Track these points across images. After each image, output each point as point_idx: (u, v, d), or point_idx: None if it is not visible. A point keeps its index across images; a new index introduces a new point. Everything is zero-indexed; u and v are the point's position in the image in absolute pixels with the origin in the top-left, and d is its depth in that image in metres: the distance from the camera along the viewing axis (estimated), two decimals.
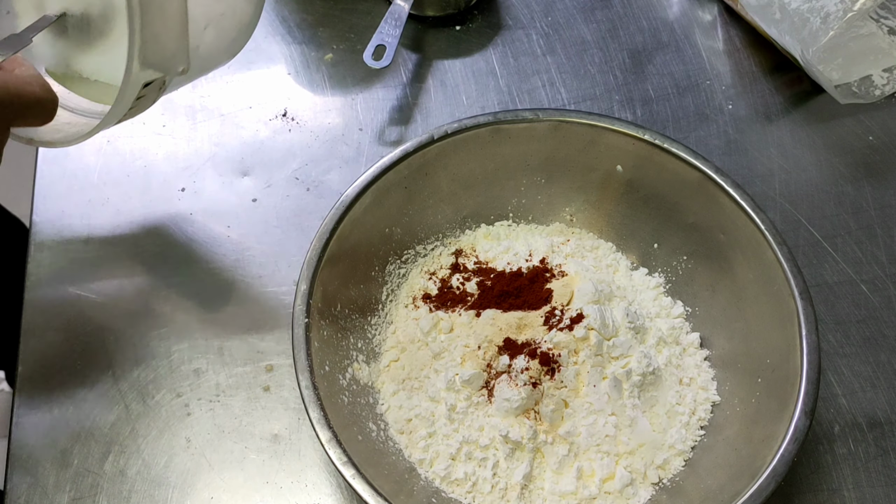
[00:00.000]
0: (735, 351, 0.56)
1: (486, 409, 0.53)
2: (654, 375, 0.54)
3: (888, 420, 0.58)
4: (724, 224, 0.56)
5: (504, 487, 0.52)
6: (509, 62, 0.73)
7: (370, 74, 0.72)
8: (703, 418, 0.55)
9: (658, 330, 0.57)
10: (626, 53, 0.74)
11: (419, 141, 0.57)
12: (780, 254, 0.52)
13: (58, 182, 0.66)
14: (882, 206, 0.67)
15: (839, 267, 0.64)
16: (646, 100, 0.72)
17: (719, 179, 0.55)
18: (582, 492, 0.52)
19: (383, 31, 0.67)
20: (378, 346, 0.57)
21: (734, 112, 0.71)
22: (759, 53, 0.74)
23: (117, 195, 0.66)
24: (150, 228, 0.64)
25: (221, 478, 0.55)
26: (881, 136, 0.70)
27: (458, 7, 0.74)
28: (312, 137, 0.69)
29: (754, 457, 0.49)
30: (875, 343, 0.61)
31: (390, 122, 0.70)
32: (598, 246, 0.62)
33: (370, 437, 0.52)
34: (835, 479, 0.56)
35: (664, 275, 0.61)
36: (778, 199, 0.67)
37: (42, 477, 0.54)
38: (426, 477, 0.52)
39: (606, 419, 0.53)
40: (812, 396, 0.48)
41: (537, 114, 0.58)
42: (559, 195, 0.62)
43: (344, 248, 0.54)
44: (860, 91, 0.69)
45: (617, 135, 0.58)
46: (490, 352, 0.54)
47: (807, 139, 0.70)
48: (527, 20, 0.76)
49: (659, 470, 0.53)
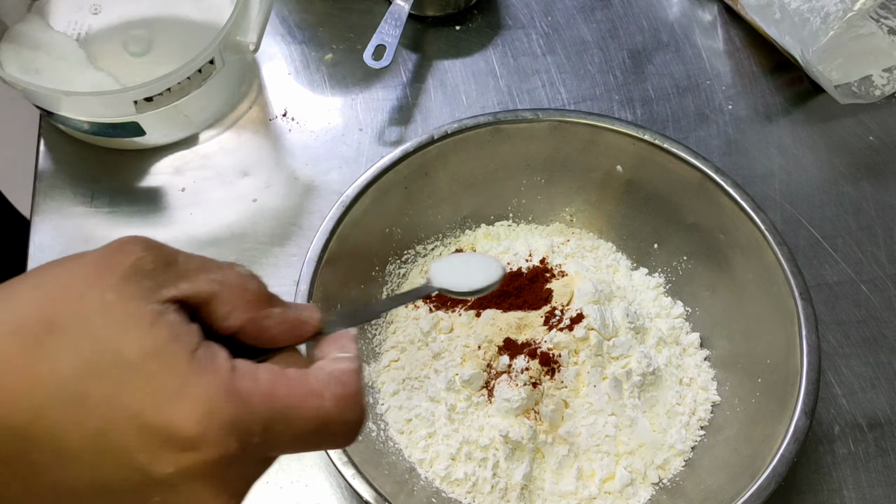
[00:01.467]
0: (735, 351, 0.56)
1: (486, 409, 0.53)
2: (654, 375, 0.54)
3: (888, 420, 0.58)
4: (724, 224, 0.56)
5: (504, 487, 0.52)
6: (509, 62, 0.73)
7: (370, 74, 0.72)
8: (703, 418, 0.55)
9: (658, 330, 0.57)
10: (626, 53, 0.74)
11: (419, 141, 0.57)
12: (780, 254, 0.52)
13: (58, 181, 0.66)
14: (882, 207, 0.67)
15: (839, 267, 0.64)
16: (646, 100, 0.72)
17: (719, 179, 0.55)
18: (582, 492, 0.52)
19: (383, 31, 0.67)
20: (378, 346, 0.57)
21: (734, 112, 0.71)
22: (759, 53, 0.74)
23: (117, 195, 0.66)
24: (150, 228, 0.64)
25: None
26: (881, 136, 0.70)
27: (458, 7, 0.74)
28: (312, 137, 0.69)
29: (754, 457, 0.49)
30: (875, 343, 0.61)
31: (390, 122, 0.70)
32: (598, 246, 0.62)
33: (370, 437, 0.52)
34: (835, 479, 0.56)
35: (664, 275, 0.61)
36: (778, 199, 0.67)
37: None
38: (426, 477, 0.52)
39: (606, 419, 0.53)
40: (812, 396, 0.48)
41: (537, 114, 0.58)
42: (559, 195, 0.62)
43: (344, 248, 0.54)
44: (860, 91, 0.68)
45: (617, 135, 0.58)
46: (490, 352, 0.54)
47: (807, 139, 0.70)
48: (527, 20, 0.76)
49: (659, 470, 0.53)
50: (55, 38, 0.65)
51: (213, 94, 0.66)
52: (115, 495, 0.26)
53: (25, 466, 0.26)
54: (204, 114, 0.68)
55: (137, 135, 0.64)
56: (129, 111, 0.60)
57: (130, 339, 0.26)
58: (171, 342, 0.26)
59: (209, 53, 0.60)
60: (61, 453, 0.26)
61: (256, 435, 0.27)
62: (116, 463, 0.26)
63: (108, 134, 0.64)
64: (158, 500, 0.26)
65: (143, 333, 0.26)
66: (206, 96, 0.64)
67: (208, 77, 0.63)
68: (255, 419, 0.27)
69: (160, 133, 0.66)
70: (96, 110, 0.60)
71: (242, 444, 0.26)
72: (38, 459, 0.26)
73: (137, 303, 0.27)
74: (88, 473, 0.26)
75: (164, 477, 0.26)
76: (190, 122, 0.67)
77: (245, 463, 0.28)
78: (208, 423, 0.26)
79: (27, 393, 0.26)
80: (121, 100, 0.59)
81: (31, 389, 0.26)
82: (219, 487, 0.27)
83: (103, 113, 0.61)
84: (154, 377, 0.26)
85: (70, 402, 0.26)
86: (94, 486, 0.26)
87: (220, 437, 0.26)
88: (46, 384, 0.26)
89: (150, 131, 0.64)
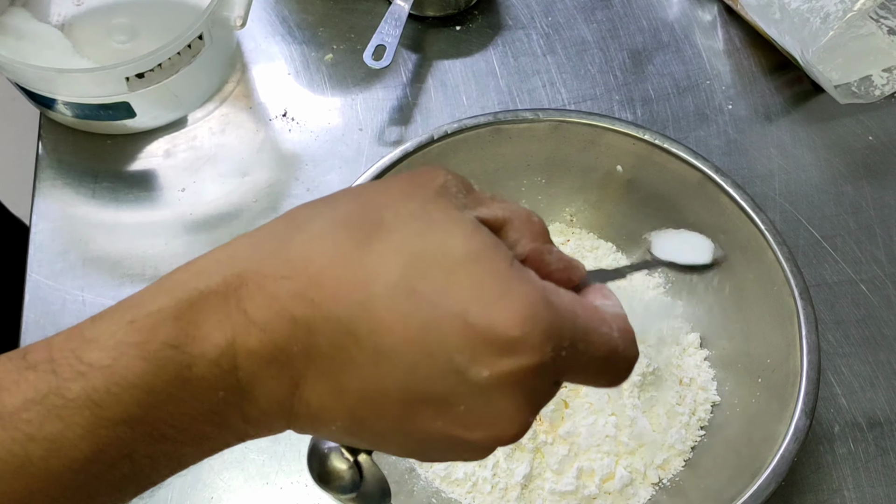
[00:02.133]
0: (735, 351, 0.56)
1: None
2: (654, 375, 0.54)
3: (888, 420, 0.58)
4: (724, 224, 0.56)
5: (504, 487, 0.52)
6: (509, 62, 0.73)
7: (370, 74, 0.72)
8: (703, 418, 0.55)
9: (658, 330, 0.57)
10: (626, 53, 0.74)
11: (419, 141, 0.57)
12: (780, 254, 0.52)
13: (58, 182, 0.66)
14: (882, 206, 0.67)
15: (839, 267, 0.64)
16: (646, 100, 0.72)
17: (719, 179, 0.55)
18: (582, 492, 0.52)
19: (383, 31, 0.67)
20: None
21: (734, 112, 0.71)
22: (759, 53, 0.74)
23: (117, 196, 0.66)
24: (150, 229, 0.64)
25: (221, 478, 0.55)
26: (881, 136, 0.70)
27: (458, 7, 0.74)
28: (312, 137, 0.69)
29: (754, 457, 0.49)
30: (875, 343, 0.61)
31: (390, 122, 0.70)
32: (598, 246, 0.62)
33: None
34: (835, 479, 0.56)
35: (664, 275, 0.61)
36: (778, 199, 0.67)
37: None
38: (426, 477, 0.52)
39: (606, 419, 0.53)
40: (812, 396, 0.48)
41: (537, 114, 0.58)
42: (559, 195, 0.62)
43: None
44: (860, 91, 0.69)
45: (617, 135, 0.58)
46: None
47: (807, 139, 0.70)
48: (527, 20, 0.76)
49: (659, 470, 0.53)
50: (40, 29, 0.65)
51: (202, 73, 0.67)
52: (422, 402, 0.26)
53: (342, 363, 0.26)
54: (193, 93, 0.68)
55: (128, 117, 0.65)
56: (122, 89, 0.61)
57: (456, 240, 0.26)
58: (493, 248, 0.27)
59: (198, 28, 0.62)
60: (381, 349, 0.25)
61: (565, 348, 0.26)
62: (433, 363, 0.25)
63: (99, 117, 0.64)
64: (463, 410, 0.26)
65: (468, 237, 0.26)
66: (195, 75, 0.65)
67: (197, 54, 0.64)
68: (566, 330, 0.27)
69: (150, 115, 0.66)
70: (89, 89, 0.61)
71: (555, 354, 0.26)
72: (356, 356, 0.25)
73: (457, 212, 0.27)
74: (402, 375, 0.25)
75: (478, 381, 0.25)
76: (180, 103, 0.68)
77: (548, 377, 0.27)
78: (531, 328, 0.25)
79: (356, 285, 0.25)
80: (113, 76, 0.60)
81: (360, 283, 0.25)
82: (526, 400, 0.26)
83: (96, 91, 0.61)
84: (480, 277, 0.26)
85: (398, 298, 0.25)
86: (404, 390, 0.26)
87: (539, 342, 0.25)
88: (375, 278, 0.25)
89: (141, 113, 0.65)
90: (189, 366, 0.26)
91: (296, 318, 0.26)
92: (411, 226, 0.27)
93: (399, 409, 0.26)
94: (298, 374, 0.26)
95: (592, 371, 0.29)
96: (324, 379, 0.26)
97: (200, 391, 0.26)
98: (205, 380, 0.26)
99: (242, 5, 0.64)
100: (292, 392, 0.27)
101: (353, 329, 0.25)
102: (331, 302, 0.25)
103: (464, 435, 0.27)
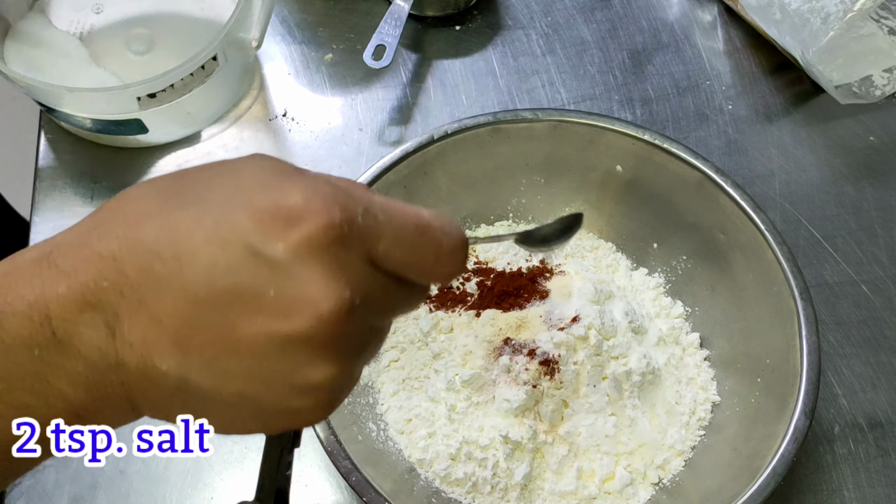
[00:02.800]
0: (735, 351, 0.56)
1: (485, 410, 0.53)
2: (654, 375, 0.54)
3: (888, 420, 0.58)
4: (724, 224, 0.56)
5: (504, 488, 0.51)
6: (509, 62, 0.73)
7: (370, 74, 0.72)
8: (703, 418, 0.55)
9: (658, 330, 0.57)
10: (626, 53, 0.74)
11: (419, 141, 0.57)
12: (780, 254, 0.52)
13: (58, 181, 0.66)
14: (882, 206, 0.67)
15: (839, 267, 0.64)
16: (646, 100, 0.72)
17: (719, 179, 0.55)
18: (582, 492, 0.52)
19: (383, 31, 0.67)
20: None
21: (734, 112, 0.71)
22: (759, 53, 0.74)
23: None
24: None
25: (221, 478, 0.55)
26: (881, 136, 0.70)
27: (458, 7, 0.74)
28: (312, 137, 0.69)
29: (754, 457, 0.49)
30: (875, 343, 0.61)
31: (390, 122, 0.70)
32: (598, 246, 0.62)
33: (370, 437, 0.52)
34: (835, 479, 0.56)
35: (664, 275, 0.61)
36: (778, 199, 0.67)
37: (41, 476, 0.54)
38: (426, 477, 0.52)
39: (606, 419, 0.53)
40: (812, 396, 0.48)
41: (537, 114, 0.58)
42: (559, 195, 0.62)
43: None
44: (860, 91, 0.68)
45: (617, 135, 0.58)
46: (490, 352, 0.54)
47: (807, 139, 0.70)
48: (527, 20, 0.76)
49: (659, 470, 0.53)
50: (57, 36, 0.65)
51: (216, 92, 0.66)
52: (235, 299, 0.26)
53: (151, 285, 0.27)
54: (206, 111, 0.68)
55: (140, 132, 0.64)
56: (132, 108, 0.61)
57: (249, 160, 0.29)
58: (282, 162, 0.29)
59: (212, 50, 0.61)
60: (181, 256, 0.26)
61: (358, 214, 0.28)
62: (232, 252, 0.26)
63: (110, 131, 0.64)
64: (274, 295, 0.26)
65: (263, 158, 0.29)
66: (208, 93, 0.65)
67: (211, 74, 0.63)
68: (355, 198, 0.28)
69: (163, 131, 0.66)
70: (99, 107, 0.61)
71: (347, 217, 0.27)
72: (161, 272, 0.26)
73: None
74: (205, 273, 0.26)
75: (277, 258, 0.26)
76: (193, 120, 0.67)
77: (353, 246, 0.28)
78: (311, 194, 0.27)
79: (157, 214, 0.27)
80: (124, 96, 0.59)
81: (160, 211, 0.28)
82: (332, 269, 0.27)
83: (106, 109, 0.61)
84: (266, 176, 0.28)
85: (189, 206, 0.27)
86: (211, 287, 0.26)
87: (322, 205, 0.27)
88: (173, 204, 0.28)
89: (153, 129, 0.64)
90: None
91: (102, 255, 0.27)
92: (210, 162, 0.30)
93: (216, 316, 0.26)
94: (113, 313, 0.27)
95: (408, 245, 0.29)
96: (139, 311, 0.27)
97: (14, 350, 0.27)
98: (18, 337, 0.27)
99: (259, 27, 0.63)
100: (112, 335, 0.27)
101: (156, 248, 0.27)
102: (134, 231, 0.27)
103: (286, 327, 0.27)
